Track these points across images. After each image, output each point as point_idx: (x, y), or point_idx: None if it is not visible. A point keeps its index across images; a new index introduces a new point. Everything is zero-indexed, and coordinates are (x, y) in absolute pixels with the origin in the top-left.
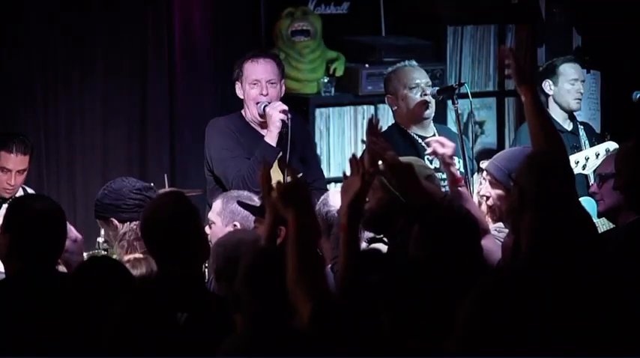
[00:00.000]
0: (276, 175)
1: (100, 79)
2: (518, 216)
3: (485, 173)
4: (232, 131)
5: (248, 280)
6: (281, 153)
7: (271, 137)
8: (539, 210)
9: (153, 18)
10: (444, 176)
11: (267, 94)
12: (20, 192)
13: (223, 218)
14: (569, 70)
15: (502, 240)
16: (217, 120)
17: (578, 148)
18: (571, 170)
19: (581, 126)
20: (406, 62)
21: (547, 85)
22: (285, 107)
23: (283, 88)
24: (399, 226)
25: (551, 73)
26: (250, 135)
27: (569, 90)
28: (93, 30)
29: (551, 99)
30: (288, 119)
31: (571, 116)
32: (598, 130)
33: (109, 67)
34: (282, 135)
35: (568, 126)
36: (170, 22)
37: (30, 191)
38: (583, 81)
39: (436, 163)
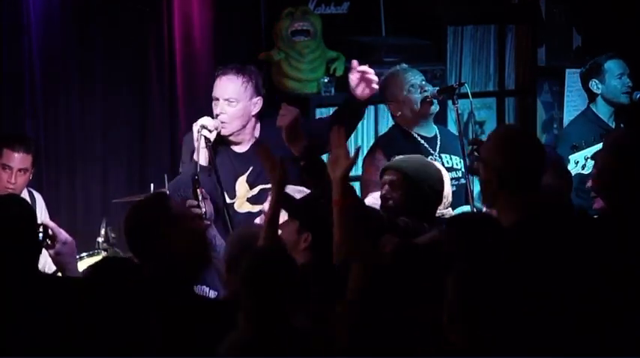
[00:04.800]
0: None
1: (101, 81)
2: (494, 195)
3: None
4: (189, 148)
5: (247, 280)
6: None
7: (196, 153)
8: (517, 188)
9: (153, 18)
10: (457, 175)
11: (219, 114)
12: (25, 194)
13: None
14: (614, 66)
15: None
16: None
17: None
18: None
19: (623, 125)
20: (397, 67)
21: (594, 85)
22: (205, 122)
23: (257, 105)
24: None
25: (596, 72)
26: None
27: (616, 85)
28: (93, 31)
29: (599, 98)
30: (209, 131)
31: (616, 114)
32: None
33: (110, 68)
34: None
35: (612, 124)
36: (170, 22)
37: (36, 194)
38: (629, 74)
39: (446, 162)
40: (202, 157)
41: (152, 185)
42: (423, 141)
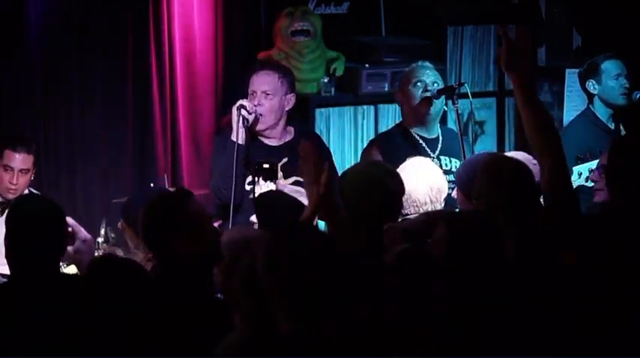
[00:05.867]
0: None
1: (101, 80)
2: None
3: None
4: (224, 142)
5: (247, 279)
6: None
7: (234, 134)
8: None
9: (153, 18)
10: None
11: (257, 105)
12: None
13: None
14: (610, 67)
15: None
16: (217, 132)
17: None
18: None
19: (623, 126)
20: (419, 62)
21: (590, 85)
22: (244, 102)
23: (290, 101)
24: None
25: (593, 72)
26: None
27: (613, 86)
28: (93, 30)
29: (596, 99)
30: (248, 112)
31: (615, 116)
32: None
33: (110, 68)
34: (247, 130)
35: (611, 125)
36: (170, 22)
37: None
38: (626, 75)
39: (445, 165)
40: (240, 137)
41: (152, 185)
42: (422, 142)
